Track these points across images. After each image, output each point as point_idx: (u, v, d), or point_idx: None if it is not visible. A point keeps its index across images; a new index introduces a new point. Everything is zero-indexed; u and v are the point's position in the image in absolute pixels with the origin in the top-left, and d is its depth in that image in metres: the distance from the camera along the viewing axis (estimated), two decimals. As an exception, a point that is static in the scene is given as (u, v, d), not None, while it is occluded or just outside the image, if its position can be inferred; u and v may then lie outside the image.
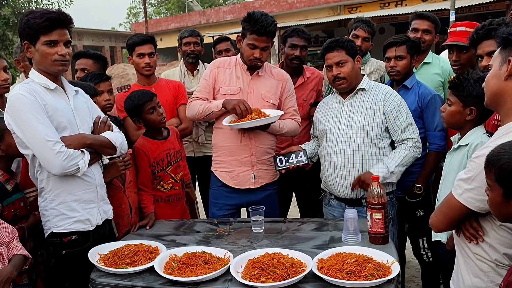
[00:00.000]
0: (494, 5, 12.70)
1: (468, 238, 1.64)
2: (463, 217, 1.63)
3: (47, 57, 2.01)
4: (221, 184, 2.83)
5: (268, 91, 2.78)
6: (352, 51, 2.60)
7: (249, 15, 2.63)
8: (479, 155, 1.52)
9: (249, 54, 2.67)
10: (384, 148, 2.59)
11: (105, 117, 2.30)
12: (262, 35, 2.60)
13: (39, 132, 1.93)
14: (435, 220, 1.74)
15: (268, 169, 2.85)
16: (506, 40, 1.58)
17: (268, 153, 2.84)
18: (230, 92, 2.73)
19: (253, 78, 2.77)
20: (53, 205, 2.09)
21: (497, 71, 1.59)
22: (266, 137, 2.80)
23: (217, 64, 2.83)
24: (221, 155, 2.83)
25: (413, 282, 3.62)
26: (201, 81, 2.88)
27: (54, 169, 1.98)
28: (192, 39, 3.78)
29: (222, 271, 1.90)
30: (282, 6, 19.88)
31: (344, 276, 1.76)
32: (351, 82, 2.62)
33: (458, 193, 1.59)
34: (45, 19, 1.98)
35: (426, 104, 2.73)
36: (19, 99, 1.95)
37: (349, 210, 2.20)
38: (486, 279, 1.60)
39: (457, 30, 2.75)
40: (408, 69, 2.83)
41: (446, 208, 1.67)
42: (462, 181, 1.59)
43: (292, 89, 2.93)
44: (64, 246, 2.11)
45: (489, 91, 1.63)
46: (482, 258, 1.61)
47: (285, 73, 2.92)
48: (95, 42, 27.88)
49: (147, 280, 1.94)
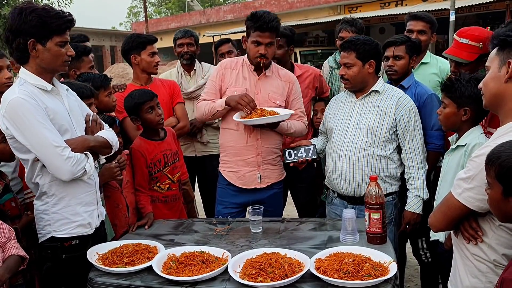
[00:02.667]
0: (494, 5, 12.67)
1: (467, 238, 1.64)
2: (462, 217, 1.63)
3: (59, 57, 2.00)
4: (228, 183, 2.85)
5: (275, 92, 2.79)
6: (365, 55, 2.56)
7: (251, 14, 2.66)
8: (479, 154, 1.53)
9: (254, 52, 2.68)
10: (390, 151, 2.60)
11: (95, 115, 2.27)
12: (265, 31, 2.61)
13: (46, 138, 1.90)
14: (434, 220, 1.74)
15: (274, 168, 2.86)
16: (504, 42, 1.58)
17: (274, 153, 2.85)
18: (236, 92, 2.74)
19: (260, 79, 2.78)
20: (55, 209, 2.06)
21: (496, 73, 1.59)
22: (272, 137, 2.81)
23: (224, 65, 2.85)
24: (228, 155, 2.85)
25: (411, 282, 3.63)
26: (208, 82, 2.90)
27: (64, 175, 1.96)
28: (185, 40, 3.77)
29: (220, 271, 1.91)
30: (282, 5, 19.88)
31: (341, 276, 1.76)
32: (354, 85, 2.63)
33: (458, 193, 1.59)
34: (66, 20, 1.97)
35: (423, 103, 2.73)
36: (20, 103, 1.89)
37: (347, 210, 2.21)
38: (484, 279, 1.61)
39: (460, 42, 2.57)
40: (406, 69, 2.83)
41: (445, 208, 1.67)
42: (461, 180, 1.59)
43: (299, 91, 2.94)
44: (64, 251, 2.08)
45: (489, 93, 1.63)
46: (480, 258, 1.61)
47: (292, 75, 2.94)
48: (95, 42, 27.86)
49: (145, 279, 1.94)
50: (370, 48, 2.58)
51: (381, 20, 15.35)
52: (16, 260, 1.99)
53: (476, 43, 2.49)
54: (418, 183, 2.57)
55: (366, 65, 2.59)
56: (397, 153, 2.65)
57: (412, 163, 2.59)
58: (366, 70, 2.60)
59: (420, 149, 2.59)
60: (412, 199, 2.58)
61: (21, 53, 1.98)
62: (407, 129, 2.57)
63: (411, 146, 2.59)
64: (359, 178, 2.58)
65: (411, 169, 2.60)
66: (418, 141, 2.59)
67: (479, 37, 2.51)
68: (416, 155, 2.59)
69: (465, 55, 2.53)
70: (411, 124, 2.57)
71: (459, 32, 2.63)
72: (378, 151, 2.57)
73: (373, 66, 2.60)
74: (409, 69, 2.86)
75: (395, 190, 2.66)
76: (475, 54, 2.51)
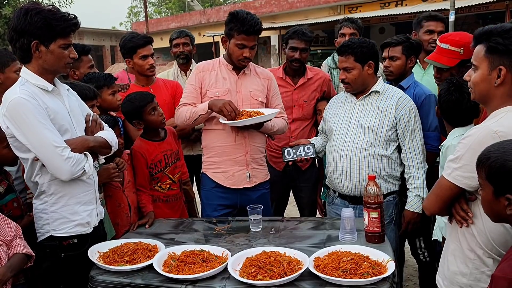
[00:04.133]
0: (494, 5, 12.69)
1: (459, 221, 1.70)
2: (453, 197, 1.70)
3: (62, 59, 2.01)
4: (215, 185, 2.82)
5: (256, 89, 2.80)
6: (363, 57, 2.58)
7: (233, 15, 2.63)
8: (466, 136, 1.64)
9: (238, 54, 2.67)
10: (391, 151, 2.62)
11: (95, 115, 2.28)
12: (250, 34, 2.61)
13: (47, 138, 1.92)
14: (428, 203, 1.81)
15: (261, 168, 2.87)
16: (494, 49, 1.62)
17: (260, 152, 2.86)
18: (218, 94, 2.72)
19: (240, 78, 2.78)
20: (54, 208, 2.07)
21: (486, 76, 1.66)
22: (258, 135, 2.82)
23: (201, 68, 2.81)
24: (214, 156, 2.81)
25: (410, 281, 3.65)
26: (187, 86, 2.84)
27: (64, 175, 1.97)
28: (181, 40, 3.77)
29: (219, 269, 1.92)
30: (282, 5, 19.88)
31: (340, 274, 1.78)
32: (356, 87, 2.65)
33: (447, 173, 1.68)
34: (71, 24, 1.98)
35: (420, 104, 2.74)
36: (21, 103, 1.89)
37: (345, 210, 2.23)
38: (471, 265, 1.67)
39: (441, 47, 2.61)
40: (402, 69, 2.85)
41: (437, 189, 1.75)
42: (450, 161, 1.68)
43: (277, 87, 2.96)
44: (63, 250, 2.10)
45: (479, 93, 1.71)
46: (470, 243, 1.67)
47: (269, 72, 2.95)
48: (95, 42, 27.86)
49: (146, 277, 1.96)
50: (367, 50, 2.59)
51: (381, 20, 15.38)
52: (21, 258, 1.99)
53: (456, 48, 2.53)
54: (418, 182, 2.58)
55: (366, 67, 2.60)
56: (397, 152, 2.66)
57: (412, 162, 2.61)
58: (366, 71, 2.61)
59: (420, 149, 2.61)
60: (412, 198, 2.60)
61: (24, 53, 1.99)
62: (407, 129, 2.59)
63: (411, 146, 2.61)
64: (360, 177, 2.59)
65: (411, 168, 2.61)
66: (418, 140, 2.61)
67: (459, 42, 2.54)
68: (416, 155, 2.60)
69: (445, 61, 2.57)
70: (411, 124, 2.59)
71: (441, 37, 2.66)
72: (379, 151, 2.59)
73: (372, 66, 2.61)
74: (406, 69, 2.86)
75: (395, 190, 2.68)
76: (455, 60, 2.55)
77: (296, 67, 3.25)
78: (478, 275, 1.65)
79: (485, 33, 1.66)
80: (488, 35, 1.64)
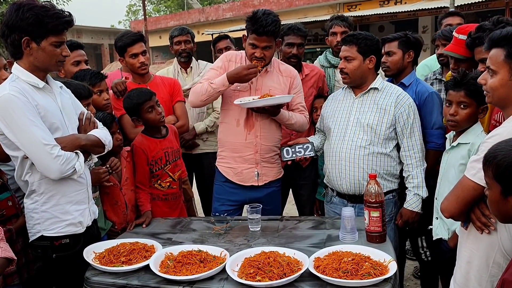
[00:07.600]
0: (494, 3, 12.67)
1: (480, 228, 1.62)
2: (475, 199, 1.62)
3: (53, 57, 1.98)
4: (225, 180, 2.83)
5: (276, 88, 2.77)
6: (366, 50, 2.55)
7: (252, 13, 2.61)
8: (492, 135, 1.58)
9: (250, 53, 2.66)
10: (390, 149, 2.58)
11: (89, 113, 2.24)
12: (261, 35, 2.57)
13: (36, 135, 1.88)
14: (447, 204, 1.72)
15: (273, 166, 2.85)
16: None
17: (273, 151, 2.83)
18: (239, 88, 2.73)
19: (261, 75, 2.76)
20: (45, 208, 2.03)
21: (506, 81, 1.63)
22: (272, 134, 2.79)
23: (229, 57, 2.81)
24: (226, 151, 2.82)
25: (411, 281, 3.62)
26: (210, 71, 2.82)
27: (53, 174, 1.94)
28: (182, 37, 3.74)
29: (217, 270, 1.89)
30: (281, 4, 19.84)
31: (340, 275, 1.75)
32: (353, 79, 2.61)
33: (472, 174, 1.61)
34: (64, 21, 1.94)
35: (423, 102, 2.71)
36: (10, 100, 1.86)
37: (346, 209, 2.19)
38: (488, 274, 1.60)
39: (459, 38, 2.59)
40: (399, 64, 2.83)
41: (459, 191, 1.67)
42: (475, 162, 1.60)
43: (300, 85, 2.92)
44: (55, 250, 2.06)
45: (497, 97, 1.68)
46: (490, 251, 1.59)
47: (293, 69, 2.91)
48: (94, 40, 27.82)
49: (142, 278, 1.92)
50: (371, 44, 2.57)
51: (380, 18, 15.32)
52: (2, 262, 1.89)
53: None
54: (417, 181, 2.55)
55: (367, 60, 2.57)
56: (396, 150, 2.63)
57: (410, 161, 2.57)
58: (366, 65, 2.58)
59: (418, 147, 2.58)
60: (412, 197, 2.57)
61: (15, 49, 1.96)
62: (406, 127, 2.56)
63: (409, 144, 2.57)
64: (359, 176, 2.56)
65: (409, 167, 2.58)
66: (416, 139, 2.58)
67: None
68: (415, 153, 2.57)
69: (464, 51, 2.54)
70: (410, 121, 2.55)
71: (458, 29, 2.65)
72: (378, 149, 2.56)
73: (373, 62, 2.58)
74: (404, 64, 2.84)
75: (395, 188, 2.65)
76: None
77: (293, 63, 3.23)
78: (495, 282, 1.58)
79: (505, 37, 1.62)
80: (509, 40, 1.61)
